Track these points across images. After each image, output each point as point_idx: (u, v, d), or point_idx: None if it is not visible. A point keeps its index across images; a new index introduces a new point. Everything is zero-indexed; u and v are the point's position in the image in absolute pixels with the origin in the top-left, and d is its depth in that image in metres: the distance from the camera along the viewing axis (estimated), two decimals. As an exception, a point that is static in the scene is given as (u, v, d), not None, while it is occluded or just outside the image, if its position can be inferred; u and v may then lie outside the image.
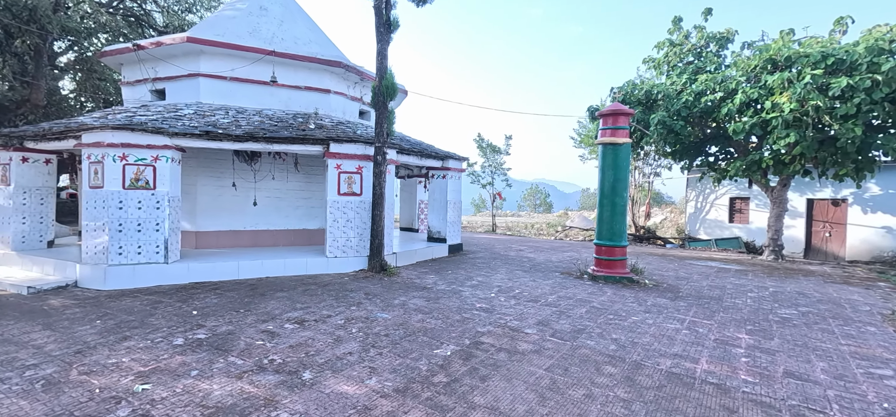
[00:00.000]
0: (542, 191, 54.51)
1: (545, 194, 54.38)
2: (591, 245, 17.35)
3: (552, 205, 54.99)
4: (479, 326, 5.33)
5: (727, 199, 22.57)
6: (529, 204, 55.50)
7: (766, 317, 6.14)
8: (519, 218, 40.62)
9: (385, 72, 8.00)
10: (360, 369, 3.99)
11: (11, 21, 11.38)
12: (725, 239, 20.59)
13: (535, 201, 54.92)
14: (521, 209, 55.63)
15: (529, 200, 55.39)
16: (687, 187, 24.51)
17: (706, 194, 23.56)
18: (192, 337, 4.67)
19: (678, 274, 9.49)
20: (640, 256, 12.76)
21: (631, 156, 20.01)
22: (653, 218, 29.68)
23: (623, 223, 8.43)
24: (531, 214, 45.70)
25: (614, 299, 6.94)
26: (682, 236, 23.44)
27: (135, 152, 7.08)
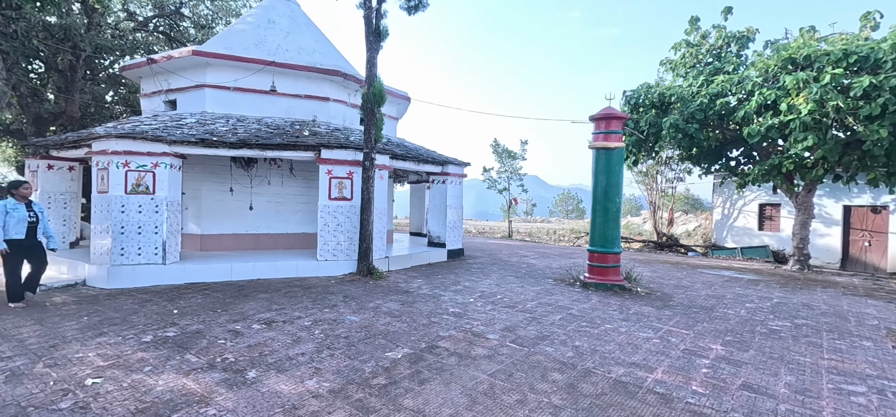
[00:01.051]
0: (575, 197, 53.46)
1: (577, 200, 53.31)
2: (603, 251, 16.91)
3: (585, 210, 53.89)
4: (442, 330, 5.35)
5: (756, 205, 21.55)
6: (561, 209, 54.57)
7: (753, 329, 5.85)
8: (547, 224, 40.05)
9: (373, 80, 8.17)
10: (305, 369, 4.10)
11: (49, 41, 12.34)
12: (752, 248, 19.65)
13: (567, 207, 53.96)
14: (553, 215, 54.75)
15: (561, 206, 54.48)
16: (713, 193, 23.56)
17: (733, 200, 22.58)
18: (161, 335, 4.92)
19: (680, 283, 9.15)
20: (651, 264, 12.38)
21: (645, 161, 19.36)
22: (685, 225, 28.64)
23: (616, 229, 8.23)
24: (561, 220, 44.94)
25: (596, 306, 6.78)
26: (706, 244, 22.50)
27: (136, 159, 7.53)
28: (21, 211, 5.85)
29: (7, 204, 5.77)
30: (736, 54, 15.09)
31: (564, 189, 56.97)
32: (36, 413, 3.21)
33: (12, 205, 5.80)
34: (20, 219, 5.80)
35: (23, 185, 5.99)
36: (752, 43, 15.17)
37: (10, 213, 5.73)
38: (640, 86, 15.70)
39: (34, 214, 6.02)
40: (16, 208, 5.81)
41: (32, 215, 5.98)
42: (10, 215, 5.72)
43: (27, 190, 6.03)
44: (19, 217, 5.80)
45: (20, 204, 5.88)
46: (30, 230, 5.89)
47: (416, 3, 8.78)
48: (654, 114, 14.92)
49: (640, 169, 24.80)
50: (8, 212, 5.72)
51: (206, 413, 3.25)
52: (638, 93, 15.58)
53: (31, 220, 5.94)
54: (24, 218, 5.84)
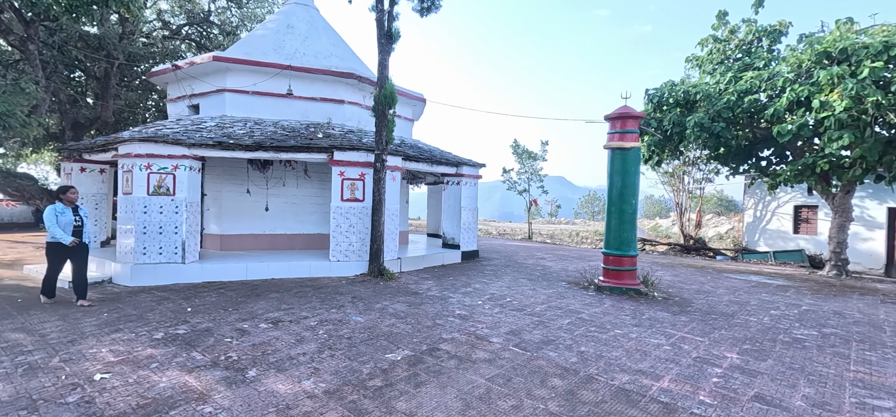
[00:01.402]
0: (601, 199, 52.42)
1: (604, 201, 52.47)
2: (625, 254, 16.49)
3: None
4: (445, 333, 5.31)
5: (791, 207, 20.61)
6: (586, 211, 53.49)
7: (775, 338, 5.57)
8: (571, 225, 39.39)
9: (385, 82, 8.21)
10: (304, 369, 4.13)
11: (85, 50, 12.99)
12: (786, 252, 18.77)
13: (593, 208, 52.86)
14: (578, 216, 53.77)
15: (586, 207, 53.40)
16: (744, 194, 22.67)
17: (766, 202, 21.66)
18: (172, 332, 5.07)
19: (702, 288, 8.82)
20: (674, 268, 11.99)
21: (670, 161, 18.73)
22: (716, 227, 27.65)
23: (632, 231, 8.00)
24: (587, 222, 44.04)
25: (608, 311, 6.60)
26: (736, 247, 21.63)
27: (158, 161, 7.81)
28: (68, 215, 6.12)
29: (56, 207, 6.06)
30: (767, 49, 14.47)
31: (590, 190, 55.89)
32: (45, 405, 3.35)
33: (61, 209, 6.07)
34: (67, 223, 6.07)
35: (70, 191, 6.26)
36: (784, 37, 14.50)
37: (59, 217, 6.00)
38: (663, 84, 15.26)
39: (80, 218, 6.28)
40: (64, 212, 6.08)
41: (78, 219, 6.25)
42: (60, 218, 5.99)
43: (74, 195, 6.29)
44: (67, 220, 6.07)
45: (67, 208, 6.15)
46: (75, 233, 6.16)
47: (429, 5, 8.78)
48: (678, 112, 14.45)
49: (665, 169, 24.10)
50: (57, 215, 6.00)
51: (203, 411, 3.32)
52: (661, 91, 15.14)
53: (77, 224, 6.20)
54: (70, 221, 6.11)
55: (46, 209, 6.01)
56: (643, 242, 22.63)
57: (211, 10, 20.15)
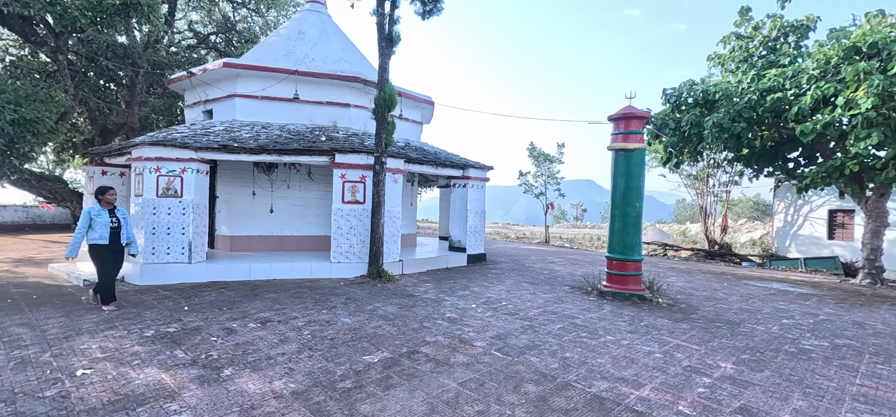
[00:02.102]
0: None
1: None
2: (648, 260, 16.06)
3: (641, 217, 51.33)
4: (429, 336, 5.26)
5: (825, 212, 19.57)
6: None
7: (779, 348, 5.27)
8: (596, 229, 38.57)
9: (385, 85, 8.25)
10: (279, 369, 4.16)
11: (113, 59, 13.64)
12: (818, 259, 17.79)
13: None
14: (606, 220, 52.56)
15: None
16: (774, 198, 21.67)
17: (798, 206, 20.65)
18: (163, 330, 5.21)
19: (714, 295, 8.45)
20: (691, 274, 11.55)
21: (693, 164, 18.06)
22: (750, 232, 26.51)
23: (636, 235, 7.75)
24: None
25: (605, 317, 6.40)
26: (765, 254, 20.66)
27: (166, 164, 8.08)
28: (105, 216, 5.96)
29: (92, 210, 5.92)
30: (794, 46, 13.82)
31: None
32: (23, 398, 3.48)
33: (97, 211, 5.93)
34: (103, 225, 5.91)
35: (109, 192, 6.11)
36: (812, 32, 13.82)
37: (95, 219, 5.87)
38: (682, 84, 14.78)
39: (116, 220, 6.09)
40: (100, 214, 5.93)
41: (115, 220, 6.07)
42: (95, 220, 5.87)
43: (112, 196, 6.13)
44: (103, 222, 5.91)
45: (104, 209, 6.01)
46: (112, 235, 5.99)
47: (431, 8, 8.79)
48: (697, 112, 13.97)
49: (688, 172, 23.28)
50: (92, 218, 5.87)
51: (169, 409, 3.38)
52: (679, 91, 14.67)
53: (113, 225, 6.03)
54: (107, 224, 5.95)
55: (83, 212, 5.93)
56: (664, 247, 21.94)
57: (235, 19, 20.83)
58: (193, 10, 21.93)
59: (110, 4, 10.87)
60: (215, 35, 21.40)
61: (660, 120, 14.76)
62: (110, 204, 6.11)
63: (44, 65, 13.88)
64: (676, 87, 14.80)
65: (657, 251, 21.79)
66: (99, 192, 6.09)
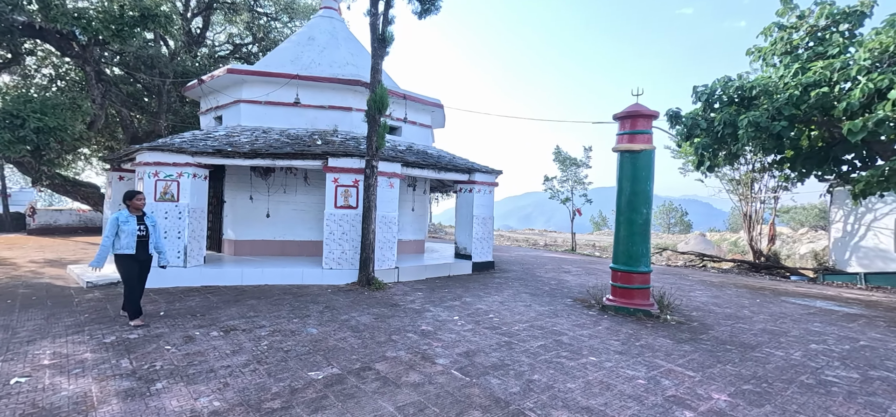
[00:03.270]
0: (679, 210, 48.00)
1: (681, 213, 47.90)
2: (681, 271, 15.04)
3: (691, 224, 48.14)
4: (391, 351, 4.90)
5: (892, 221, 17.57)
6: (661, 223, 49.52)
7: (794, 378, 4.52)
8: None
9: (376, 86, 8.00)
10: (214, 384, 3.93)
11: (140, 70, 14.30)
12: (883, 275, 15.91)
13: (669, 220, 48.81)
14: (651, 227, 50.15)
15: (661, 219, 49.39)
16: (830, 204, 19.72)
17: (859, 214, 18.66)
18: (123, 337, 5.13)
19: (737, 313, 7.58)
20: (721, 288, 10.56)
21: (737, 168, 16.65)
22: (811, 243, 24.29)
23: (643, 244, 7.05)
24: (660, 235, 40.53)
25: (598, 334, 5.79)
26: (819, 267, 18.75)
27: (164, 169, 8.19)
28: (132, 223, 5.44)
29: (119, 216, 5.42)
30: (846, 35, 12.47)
31: (667, 200, 51.33)
32: (-54, 404, 3.43)
33: (125, 218, 5.42)
34: (130, 233, 5.39)
35: (137, 196, 5.59)
36: (868, 19, 12.44)
37: (122, 227, 5.37)
38: (715, 81, 13.69)
39: (144, 228, 5.57)
40: (127, 220, 5.42)
41: (142, 228, 5.53)
42: (122, 228, 5.36)
43: (140, 201, 5.61)
44: (130, 230, 5.39)
45: (132, 216, 5.49)
46: (140, 244, 5.47)
47: (428, 7, 8.49)
48: (732, 110, 12.87)
49: (730, 176, 21.60)
50: (120, 225, 5.37)
51: (78, 422, 3.21)
52: (713, 88, 13.59)
53: (141, 234, 5.49)
54: (134, 231, 5.41)
55: (110, 218, 5.45)
56: (702, 257, 20.47)
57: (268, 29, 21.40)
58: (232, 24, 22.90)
59: (130, 16, 11.33)
60: (250, 44, 22.14)
61: (690, 120, 13.74)
62: (139, 209, 5.60)
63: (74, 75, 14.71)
64: (709, 84, 13.74)
65: (694, 261, 20.36)
66: (127, 197, 5.57)
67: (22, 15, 11.31)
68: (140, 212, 5.62)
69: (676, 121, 14.16)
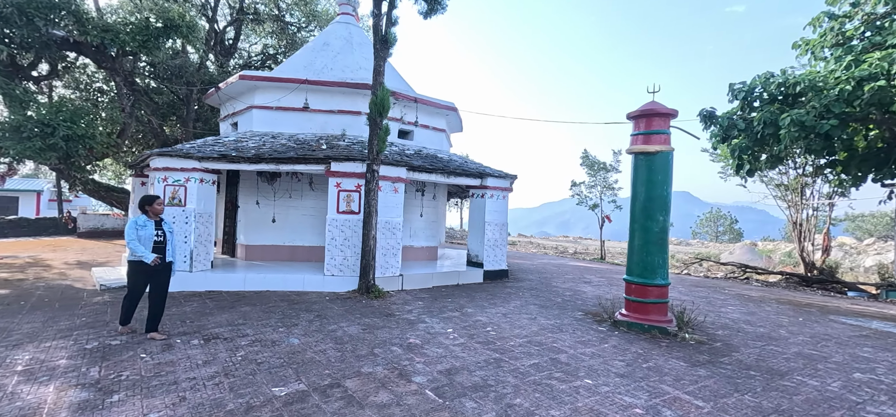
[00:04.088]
0: (729, 217, 44.91)
1: (731, 220, 44.84)
2: (719, 284, 14.02)
3: (743, 233, 44.99)
4: (369, 366, 4.59)
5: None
6: (708, 231, 46.56)
7: (826, 414, 3.86)
8: (678, 247, 34.49)
9: (378, 89, 7.78)
10: (170, 398, 3.75)
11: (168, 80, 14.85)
12: (961, 292, 14.14)
13: (717, 228, 45.85)
14: (696, 236, 46.98)
15: (708, 227, 46.46)
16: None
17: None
18: (105, 343, 5.09)
19: (772, 333, 6.79)
20: (758, 303, 9.64)
21: (764, 169, 15.36)
22: (878, 255, 22.18)
23: (659, 254, 6.43)
24: (705, 244, 38.04)
25: (602, 353, 5.26)
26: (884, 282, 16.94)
27: (172, 175, 8.29)
28: (150, 228, 5.24)
29: (137, 220, 5.24)
30: (911, 19, 11.24)
31: (715, 207, 48.12)
32: None
33: (142, 222, 5.23)
34: (147, 238, 5.20)
35: (156, 201, 5.39)
36: (940, -1, 11.19)
37: (140, 230, 5.18)
38: (755, 77, 12.69)
39: (162, 234, 5.35)
40: (145, 225, 5.23)
41: (160, 234, 5.33)
42: (140, 232, 5.17)
43: (160, 206, 5.43)
44: (147, 235, 5.20)
45: (150, 221, 5.30)
46: (156, 250, 5.27)
47: (433, 6, 8.21)
48: (773, 109, 11.86)
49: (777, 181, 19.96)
50: (138, 229, 5.18)
51: (18, 435, 3.08)
52: (752, 85, 12.60)
53: (158, 240, 5.30)
54: (151, 236, 5.22)
55: (128, 223, 5.23)
56: (745, 269, 19.02)
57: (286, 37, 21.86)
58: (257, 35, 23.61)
59: (154, 28, 11.72)
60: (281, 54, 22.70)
61: (726, 120, 12.77)
62: (157, 214, 5.40)
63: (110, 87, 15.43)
64: (749, 82, 12.74)
65: (736, 273, 18.95)
66: (145, 202, 5.37)
67: (60, 30, 11.92)
68: (158, 218, 5.42)
69: (711, 122, 13.22)
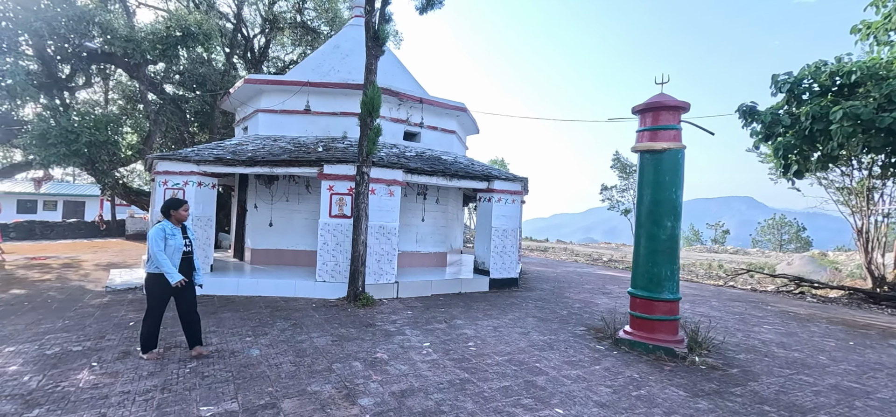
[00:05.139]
0: (796, 224, 41.22)
1: (798, 228, 41.14)
2: (764, 298, 12.74)
3: (812, 241, 41.14)
4: (319, 384, 4.20)
5: None
6: (771, 239, 42.76)
7: (850, 471, 3.07)
8: (735, 256, 31.54)
9: (368, 87, 7.46)
10: (90, 414, 3.53)
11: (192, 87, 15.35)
12: None
13: (782, 236, 42.13)
14: (756, 244, 43.28)
15: (771, 234, 42.69)
16: None
17: None
18: (65, 348, 5.00)
19: (810, 359, 5.84)
20: (810, 323, 8.51)
21: (815, 170, 13.70)
22: None
23: (668, 265, 5.66)
24: (766, 253, 34.66)
25: (590, 376, 4.61)
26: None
27: (172, 178, 8.35)
28: (178, 237, 4.57)
29: (165, 227, 4.52)
30: None
31: (779, 213, 44.14)
32: None
33: (170, 230, 4.53)
34: (176, 249, 4.53)
35: (183, 206, 4.68)
36: None
37: (169, 240, 4.50)
38: (804, 67, 11.41)
39: (189, 242, 4.72)
40: (173, 233, 4.54)
41: (187, 243, 4.68)
42: (169, 241, 4.50)
43: (186, 212, 4.70)
44: (176, 246, 4.52)
45: (177, 229, 4.63)
46: (184, 262, 4.64)
47: (429, 2, 7.82)
48: (826, 101, 10.59)
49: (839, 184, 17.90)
50: (167, 238, 4.49)
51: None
52: (800, 76, 11.34)
53: (187, 250, 4.64)
54: (179, 247, 4.55)
55: (152, 230, 4.48)
56: (799, 283, 17.17)
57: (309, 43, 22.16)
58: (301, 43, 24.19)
59: (173, 37, 12.05)
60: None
61: (769, 115, 11.53)
62: (181, 221, 4.69)
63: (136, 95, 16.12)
64: (797, 72, 11.47)
65: (788, 287, 17.15)
66: (171, 206, 4.63)
67: (92, 42, 12.55)
68: (183, 225, 4.73)
69: (752, 118, 11.99)
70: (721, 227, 50.69)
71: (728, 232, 52.52)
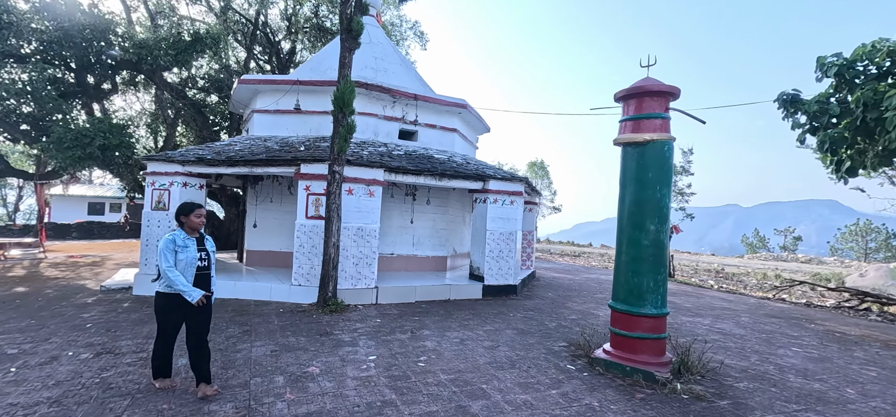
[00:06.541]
0: (884, 230, 36.67)
1: (888, 234, 36.85)
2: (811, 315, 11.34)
3: None
4: (219, 404, 3.82)
5: None
6: (855, 248, 38.31)
7: None
8: (804, 264, 28.26)
9: (341, 82, 7.09)
10: (-29, 420, 3.33)
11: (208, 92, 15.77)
12: None
13: (867, 244, 37.74)
14: (835, 252, 39.13)
15: (853, 241, 38.55)
16: None
17: None
18: (23, 348, 4.95)
19: (833, 393, 4.82)
20: (858, 346, 7.28)
21: (867, 167, 11.84)
22: None
23: (653, 274, 4.85)
24: (846, 262, 30.94)
25: (538, 403, 3.95)
26: None
27: (159, 179, 8.37)
28: (192, 249, 3.83)
29: (176, 237, 3.81)
30: None
31: (864, 218, 39.82)
32: None
33: (182, 241, 3.81)
34: (190, 262, 3.79)
35: (195, 211, 3.91)
36: None
37: (180, 252, 3.77)
38: (857, 49, 9.93)
39: (206, 254, 3.95)
40: (186, 244, 3.81)
41: (204, 255, 3.92)
42: (180, 254, 3.76)
43: (199, 219, 3.94)
44: (189, 259, 3.79)
45: (191, 239, 3.87)
46: (200, 277, 3.87)
47: (408, -13, 7.34)
48: (882, 86, 9.15)
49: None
50: (177, 250, 3.77)
51: None
52: (853, 58, 9.89)
53: (202, 264, 3.88)
54: (194, 260, 3.81)
55: (161, 242, 3.78)
56: (864, 298, 15.09)
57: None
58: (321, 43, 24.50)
59: (184, 42, 12.32)
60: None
61: (816, 105, 10.12)
62: (196, 229, 3.93)
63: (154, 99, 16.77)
64: (849, 55, 10.01)
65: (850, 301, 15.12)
66: (183, 212, 3.90)
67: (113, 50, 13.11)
68: (198, 234, 3.98)
69: (794, 109, 10.57)
70: (791, 233, 46.53)
71: (799, 239, 48.13)
